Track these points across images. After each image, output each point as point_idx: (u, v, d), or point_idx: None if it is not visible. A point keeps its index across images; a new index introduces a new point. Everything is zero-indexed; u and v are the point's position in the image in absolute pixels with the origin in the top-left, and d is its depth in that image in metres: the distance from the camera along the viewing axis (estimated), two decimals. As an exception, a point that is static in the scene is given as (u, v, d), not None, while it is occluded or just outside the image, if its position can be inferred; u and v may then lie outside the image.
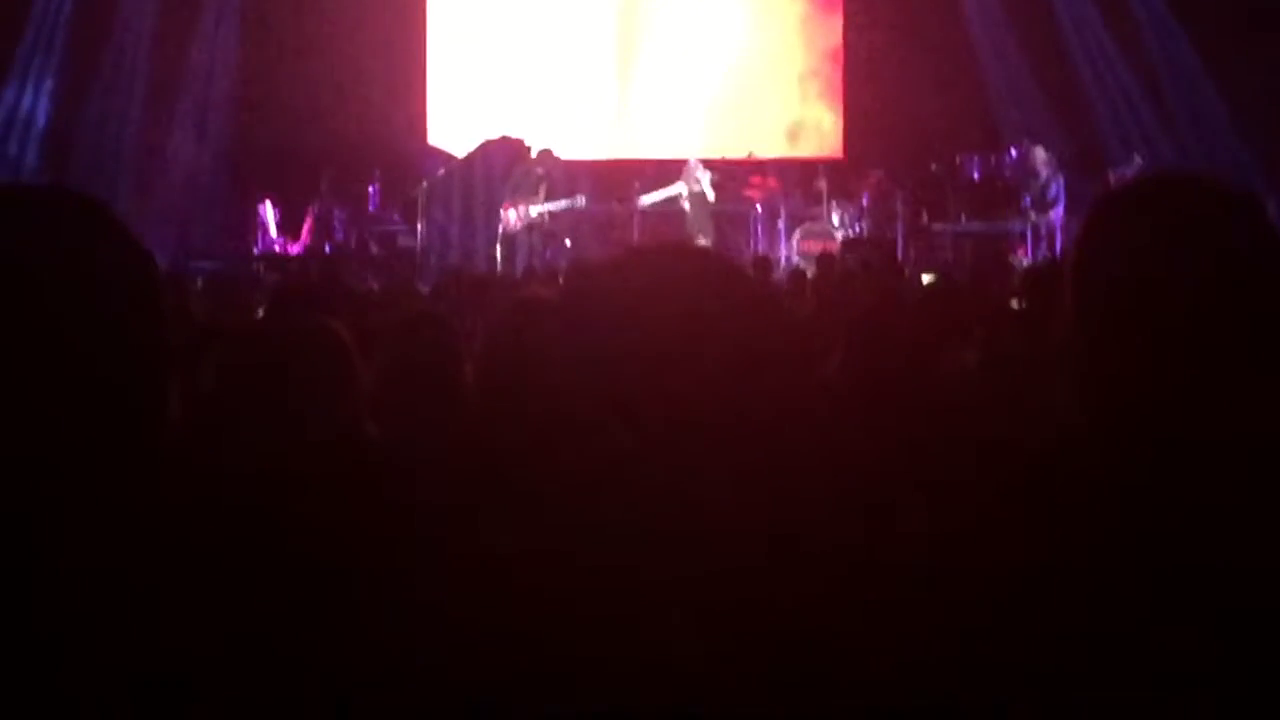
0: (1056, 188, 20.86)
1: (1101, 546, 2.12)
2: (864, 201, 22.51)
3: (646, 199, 22.02)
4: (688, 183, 22.50)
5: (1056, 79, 23.23)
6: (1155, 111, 22.80)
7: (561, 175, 22.15)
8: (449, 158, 23.07)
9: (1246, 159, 21.14)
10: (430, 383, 4.31)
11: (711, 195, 22.35)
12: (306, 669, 2.42)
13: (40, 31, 22.41)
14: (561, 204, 21.46)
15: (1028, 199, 21.22)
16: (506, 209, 21.25)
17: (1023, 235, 21.23)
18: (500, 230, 21.23)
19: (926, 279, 14.46)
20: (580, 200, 21.49)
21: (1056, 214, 20.55)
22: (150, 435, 1.79)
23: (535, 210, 21.19)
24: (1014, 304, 8.27)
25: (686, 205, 22.35)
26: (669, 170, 22.96)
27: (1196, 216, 2.25)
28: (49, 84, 22.40)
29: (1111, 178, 19.88)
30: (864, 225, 22.08)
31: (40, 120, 22.31)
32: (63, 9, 22.47)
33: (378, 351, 4.27)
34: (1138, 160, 20.71)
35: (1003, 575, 2.15)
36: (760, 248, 21.65)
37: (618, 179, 23.42)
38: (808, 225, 22.16)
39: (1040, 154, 21.35)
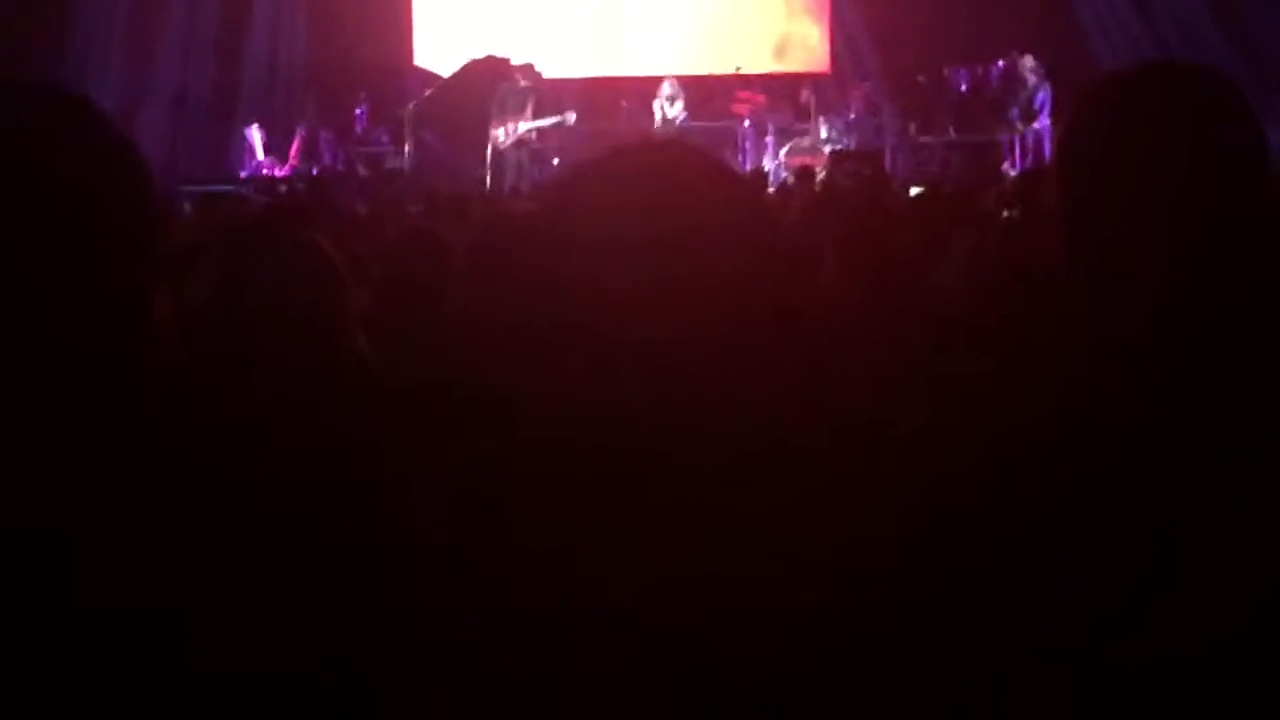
0: (1043, 97, 20.83)
1: (1093, 416, 2.13)
2: (851, 115, 22.47)
3: (525, 125, 21.66)
4: (659, 104, 22.46)
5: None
6: (1140, 18, 22.67)
7: (547, 91, 22.05)
8: (435, 78, 22.94)
9: (1232, 64, 21.07)
10: (422, 298, 4.31)
11: (678, 116, 22.31)
12: (303, 586, 2.43)
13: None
14: (550, 120, 21.38)
15: (1015, 109, 21.20)
16: (495, 127, 21.16)
17: (1011, 146, 21.22)
18: (489, 149, 21.15)
19: (914, 191, 14.42)
20: (570, 116, 21.40)
21: (1043, 123, 20.52)
22: (137, 341, 1.78)
23: (524, 127, 21.13)
24: (1004, 213, 8.27)
25: (662, 126, 22.28)
26: (654, 87, 22.90)
27: (1183, 102, 2.27)
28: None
29: None
30: (852, 139, 22.04)
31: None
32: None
33: (370, 269, 4.27)
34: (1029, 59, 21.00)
35: (999, 457, 2.16)
36: (749, 163, 21.60)
37: (605, 97, 23.34)
38: (795, 140, 22.12)
39: (1028, 62, 21.32)
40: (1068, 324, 2.25)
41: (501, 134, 21.14)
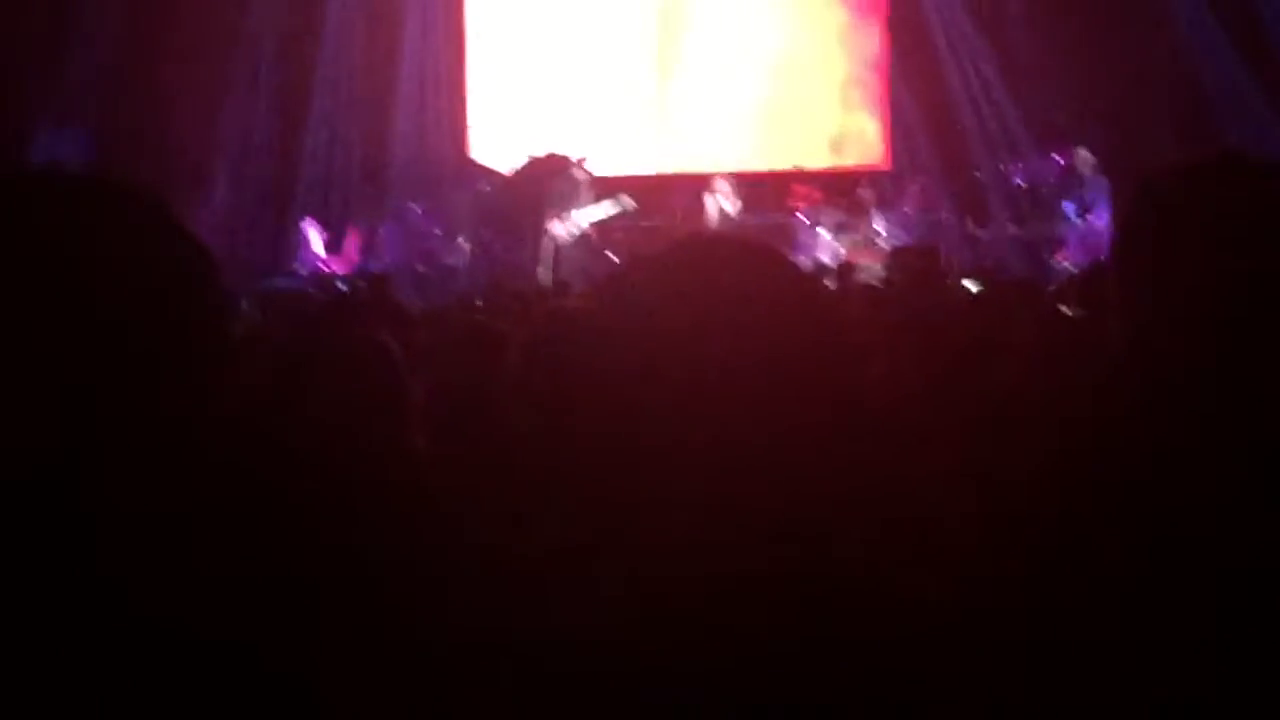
0: (1099, 191, 20.80)
1: (1156, 516, 2.11)
2: (907, 209, 22.49)
3: (583, 217, 21.72)
4: (714, 200, 22.52)
5: (1100, 81, 23.08)
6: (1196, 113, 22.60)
7: (599, 187, 22.13)
8: (491, 173, 23.05)
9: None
10: (479, 397, 4.31)
11: (734, 211, 22.38)
12: (352, 675, 2.43)
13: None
14: (607, 206, 21.45)
15: (1072, 203, 21.17)
16: (552, 222, 21.23)
17: (1066, 240, 21.18)
18: (552, 246, 21.22)
19: (972, 287, 14.38)
20: (626, 200, 21.46)
21: (1101, 217, 20.47)
22: (201, 430, 1.78)
23: (582, 219, 21.21)
24: (1064, 310, 8.23)
25: (714, 221, 22.37)
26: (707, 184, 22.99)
27: (1243, 195, 2.25)
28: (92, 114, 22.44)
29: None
30: (909, 234, 22.04)
31: (85, 135, 22.29)
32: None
33: (429, 366, 4.27)
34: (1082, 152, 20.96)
35: (1059, 555, 2.15)
36: (804, 259, 21.62)
37: (659, 194, 23.40)
38: (851, 236, 22.13)
39: (1083, 156, 21.30)
40: (1130, 422, 2.23)
41: (562, 230, 21.20)
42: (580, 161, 21.84)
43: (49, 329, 1.66)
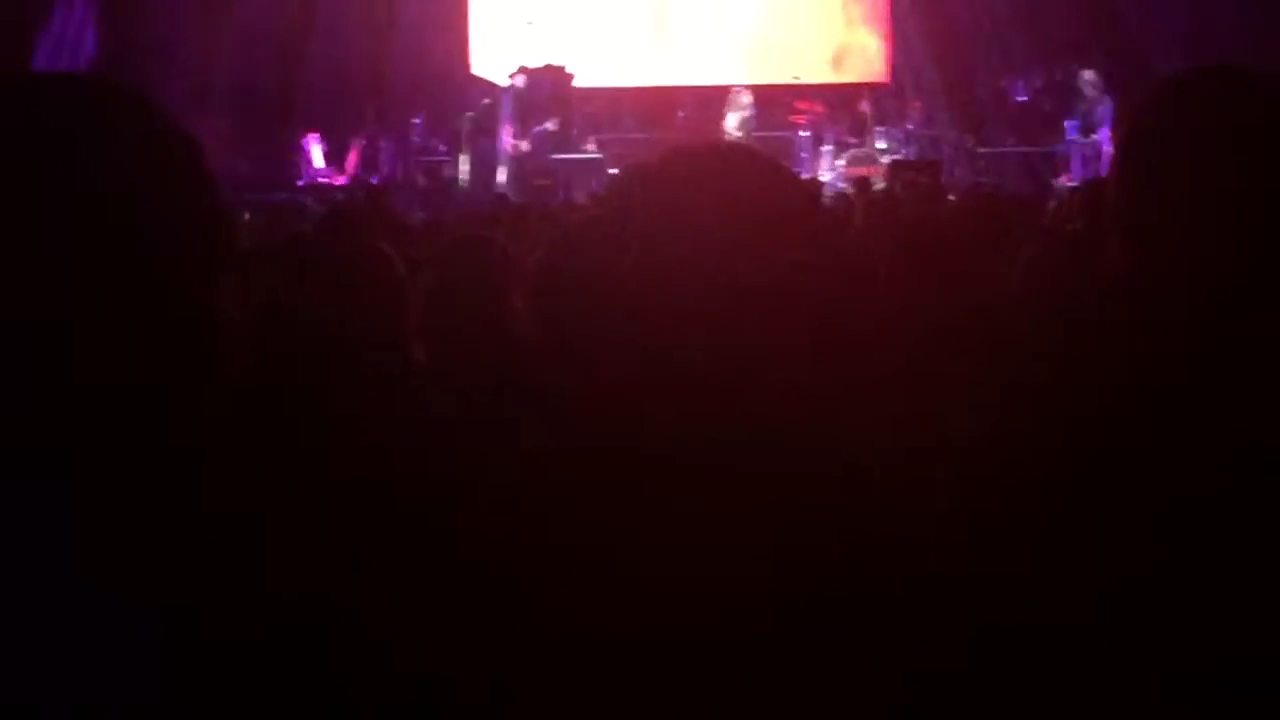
0: (1104, 110, 20.74)
1: (1158, 424, 2.12)
2: (909, 126, 22.46)
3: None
4: (736, 110, 22.46)
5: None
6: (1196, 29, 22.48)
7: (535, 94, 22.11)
8: (492, 87, 22.99)
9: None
10: (477, 306, 4.29)
11: (753, 122, 22.35)
12: (352, 591, 2.43)
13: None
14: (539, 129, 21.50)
15: (1073, 121, 21.13)
16: (507, 135, 21.26)
17: (1068, 157, 21.16)
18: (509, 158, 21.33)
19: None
20: (550, 124, 21.50)
21: (1103, 135, 20.43)
22: (204, 342, 1.77)
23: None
24: (1066, 226, 8.21)
25: (739, 134, 22.33)
26: (711, 97, 22.93)
27: (1243, 104, 2.25)
28: (95, 10, 22.34)
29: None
30: (909, 150, 22.02)
31: (88, 46, 22.23)
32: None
33: (425, 274, 4.25)
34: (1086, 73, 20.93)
35: (1063, 466, 2.15)
36: (805, 173, 21.60)
37: (661, 106, 23.37)
38: (853, 151, 22.10)
39: (1087, 75, 21.24)
40: (1131, 332, 2.24)
41: (524, 144, 21.23)
42: (522, 70, 21.82)
43: (49, 233, 1.65)
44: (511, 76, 21.94)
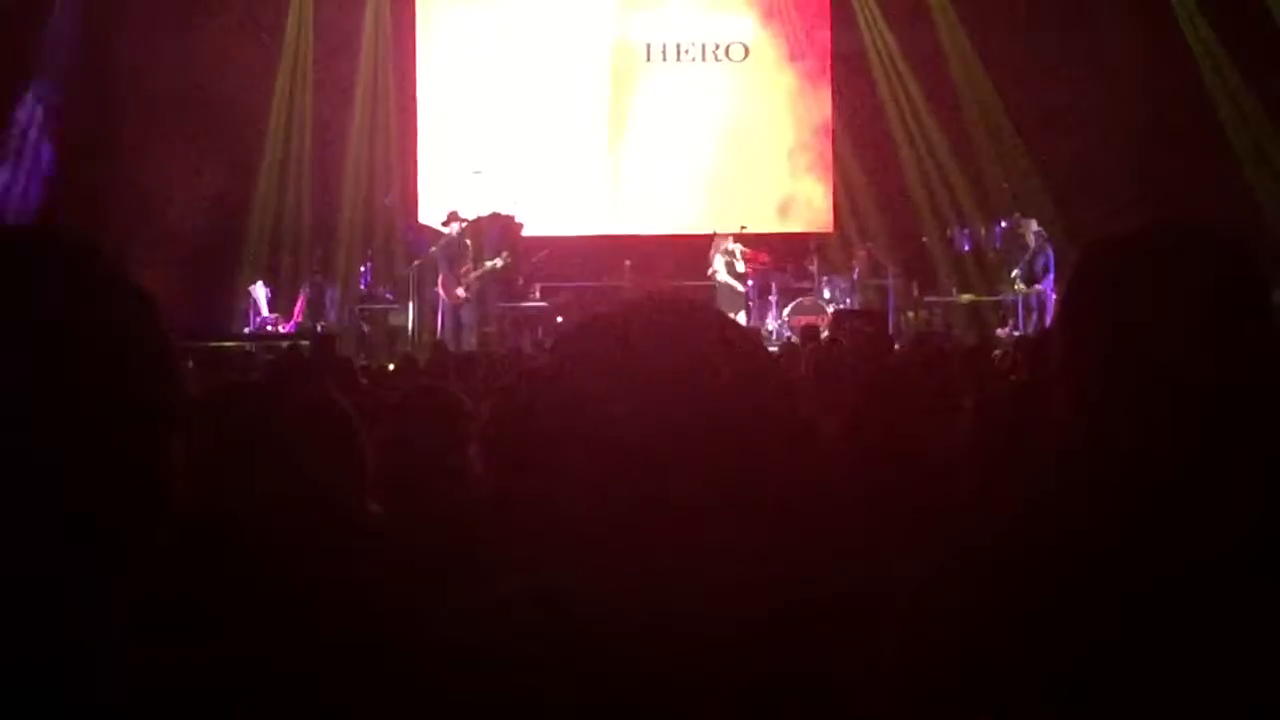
0: (1045, 259, 20.96)
1: (1097, 583, 2.13)
2: (855, 275, 22.62)
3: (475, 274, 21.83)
4: (721, 254, 22.68)
5: (1047, 152, 23.25)
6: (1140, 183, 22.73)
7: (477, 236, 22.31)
8: (438, 235, 23.11)
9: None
10: (432, 457, 4.27)
11: (741, 268, 22.63)
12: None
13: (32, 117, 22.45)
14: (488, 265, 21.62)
15: (1018, 271, 21.33)
16: (450, 283, 21.40)
17: (1014, 306, 21.34)
18: (448, 304, 21.49)
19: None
20: (501, 259, 21.62)
21: (1047, 284, 20.63)
22: (156, 491, 1.76)
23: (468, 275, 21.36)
24: (1010, 376, 8.29)
25: (721, 279, 22.53)
26: (658, 245, 23.12)
27: (1186, 261, 2.27)
28: (44, 161, 22.40)
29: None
30: (855, 299, 22.16)
31: (33, 195, 22.25)
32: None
33: (380, 424, 4.23)
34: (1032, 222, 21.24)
35: (1002, 620, 2.16)
36: (752, 322, 21.72)
37: (609, 256, 23.49)
38: (799, 300, 22.24)
39: (1031, 225, 21.49)
40: (1076, 487, 2.25)
41: (461, 290, 21.26)
42: (452, 215, 21.92)
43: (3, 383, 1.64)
44: (443, 224, 22.01)
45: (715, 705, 1.82)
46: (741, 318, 21.47)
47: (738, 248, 22.90)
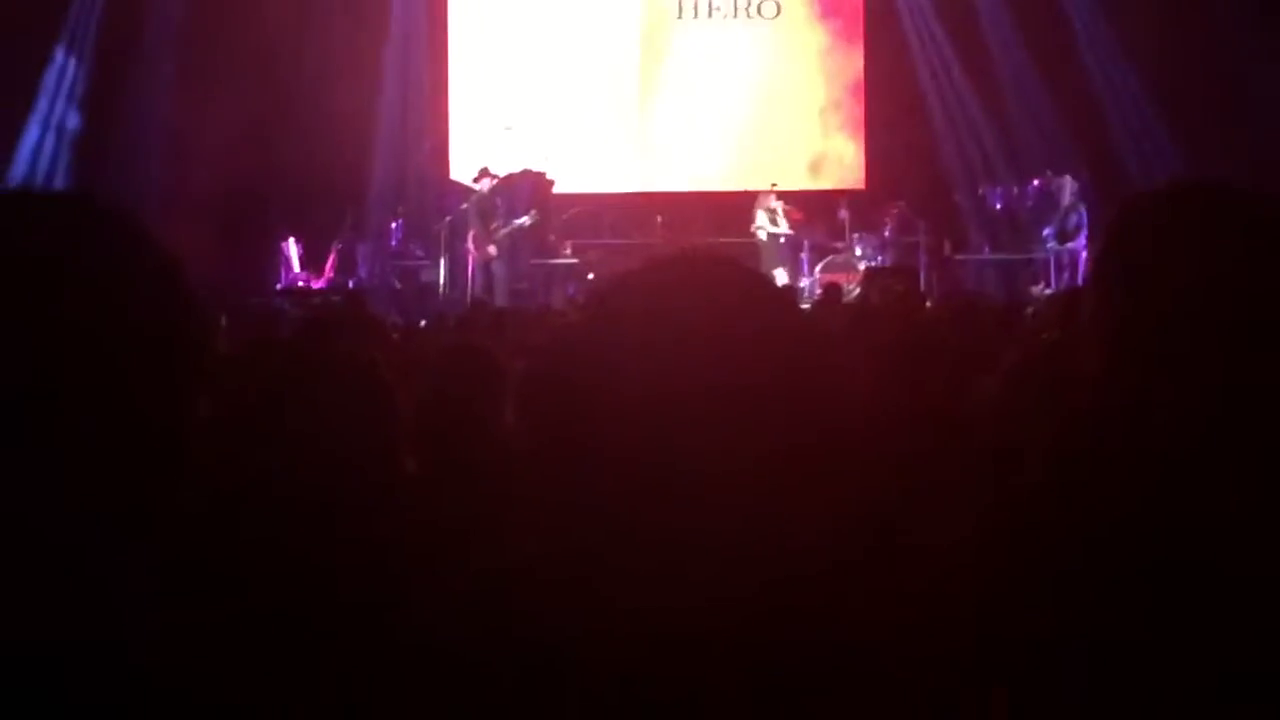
0: (1079, 217, 20.87)
1: (1133, 533, 2.13)
2: (886, 232, 22.55)
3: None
4: (764, 209, 22.64)
5: (1079, 109, 23.12)
6: (1173, 138, 22.55)
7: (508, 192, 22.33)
8: (471, 192, 23.09)
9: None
10: (468, 415, 4.25)
11: (784, 226, 22.56)
12: (328, 700, 2.42)
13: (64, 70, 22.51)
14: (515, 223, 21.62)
15: (1049, 229, 21.25)
16: (478, 240, 21.42)
17: (1045, 265, 21.26)
18: (478, 262, 21.49)
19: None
20: (529, 217, 21.64)
21: (1079, 243, 20.54)
22: (178, 450, 1.76)
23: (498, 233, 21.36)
24: (1042, 334, 8.24)
25: (763, 236, 22.48)
26: (690, 203, 23.08)
27: (1220, 219, 2.26)
28: (70, 124, 22.45)
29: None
30: (886, 256, 22.10)
31: (62, 163, 22.31)
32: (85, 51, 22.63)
33: (415, 382, 4.20)
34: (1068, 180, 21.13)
35: (1037, 574, 2.16)
36: (792, 279, 21.69)
37: (641, 213, 23.45)
38: (830, 258, 22.21)
39: (1066, 183, 21.39)
40: (1108, 443, 2.25)
41: (491, 248, 21.25)
42: (483, 172, 21.89)
43: (26, 348, 1.65)
44: (475, 181, 22.00)
45: (741, 669, 1.82)
46: (783, 273, 21.46)
47: (780, 205, 22.86)
